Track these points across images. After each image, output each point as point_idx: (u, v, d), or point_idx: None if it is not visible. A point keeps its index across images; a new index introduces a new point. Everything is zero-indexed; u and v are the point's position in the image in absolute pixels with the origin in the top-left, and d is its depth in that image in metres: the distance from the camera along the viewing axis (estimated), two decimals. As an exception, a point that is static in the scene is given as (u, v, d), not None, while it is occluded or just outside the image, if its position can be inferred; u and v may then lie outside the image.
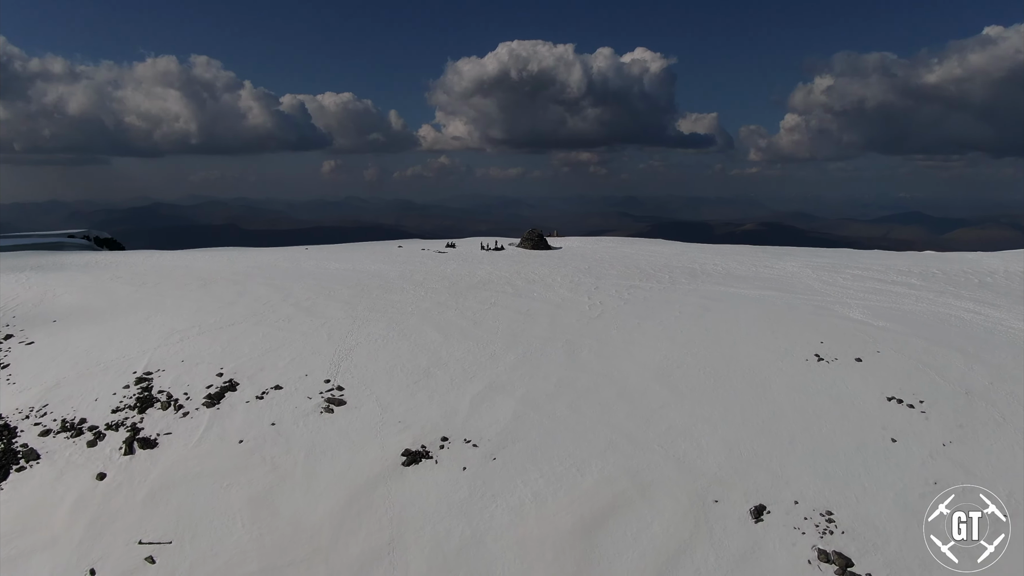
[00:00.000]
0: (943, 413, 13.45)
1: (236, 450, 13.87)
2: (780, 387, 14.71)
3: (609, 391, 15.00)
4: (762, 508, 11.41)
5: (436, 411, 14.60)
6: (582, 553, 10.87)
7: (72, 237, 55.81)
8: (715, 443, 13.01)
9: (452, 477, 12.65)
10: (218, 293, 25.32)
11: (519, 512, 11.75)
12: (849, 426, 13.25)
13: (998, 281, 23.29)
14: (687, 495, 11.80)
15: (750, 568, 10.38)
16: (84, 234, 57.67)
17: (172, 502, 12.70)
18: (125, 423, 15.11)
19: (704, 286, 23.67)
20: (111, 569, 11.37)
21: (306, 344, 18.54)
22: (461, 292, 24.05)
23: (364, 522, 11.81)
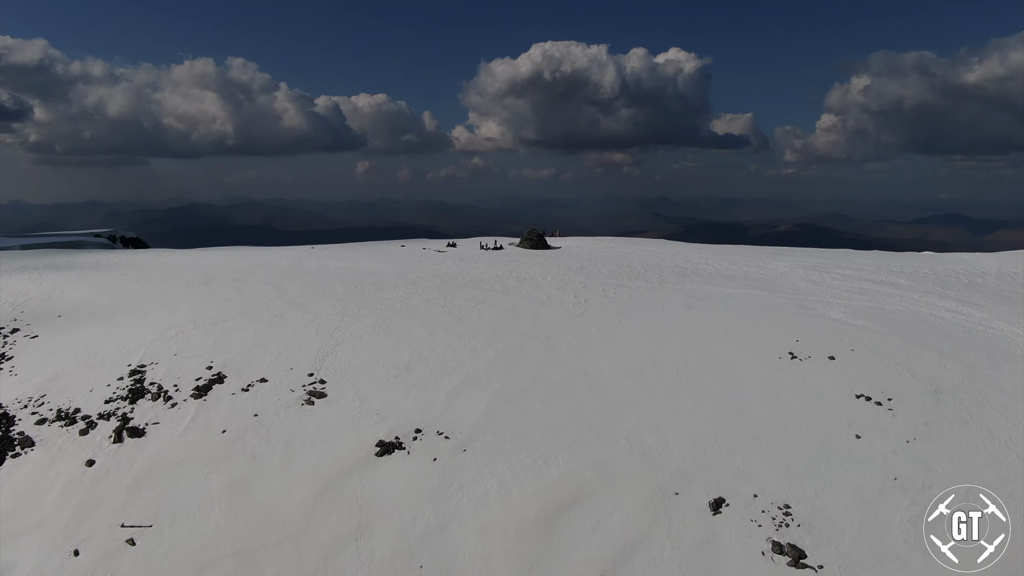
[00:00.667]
0: (910, 411, 13.50)
1: (219, 439, 14.34)
2: (750, 384, 14.84)
3: (582, 386, 15.24)
4: (721, 501, 11.58)
5: (412, 404, 14.94)
6: (542, 541, 11.13)
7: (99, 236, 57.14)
8: (681, 438, 13.19)
9: (422, 467, 12.98)
10: (217, 290, 25.93)
11: (484, 501, 12.04)
12: (815, 422, 13.35)
13: (988, 282, 23.11)
14: (648, 487, 12.01)
15: (704, 559, 10.57)
16: (110, 234, 59.01)
17: (155, 488, 13.19)
18: (116, 413, 15.66)
19: (691, 285, 23.77)
20: (94, 550, 11.86)
21: (294, 339, 19.00)
22: (452, 290, 24.40)
23: (335, 509, 12.19)
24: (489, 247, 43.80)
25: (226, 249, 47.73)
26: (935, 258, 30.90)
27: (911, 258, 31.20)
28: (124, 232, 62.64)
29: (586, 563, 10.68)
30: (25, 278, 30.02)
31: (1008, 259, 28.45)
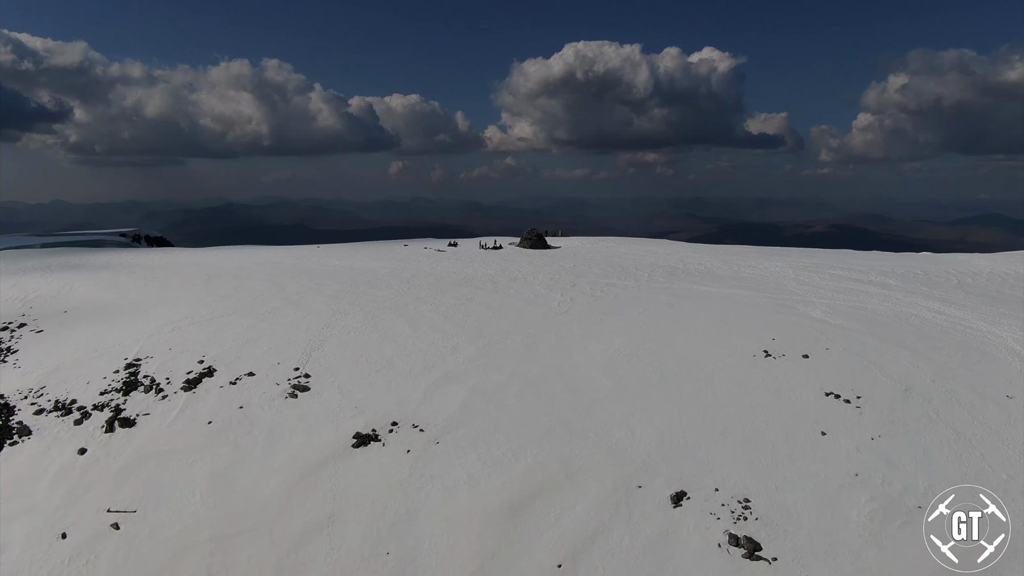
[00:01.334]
0: (878, 409, 13.55)
1: (204, 430, 14.79)
2: (722, 381, 14.96)
3: (557, 382, 15.47)
4: (682, 494, 11.75)
5: (391, 398, 15.28)
6: (505, 531, 11.39)
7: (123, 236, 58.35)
8: (648, 432, 13.37)
9: (396, 459, 13.31)
10: (217, 287, 26.52)
11: (452, 492, 12.33)
12: (782, 419, 13.46)
13: (978, 282, 22.91)
14: (612, 480, 12.21)
15: (661, 550, 10.76)
16: (135, 233, 60.23)
17: (141, 475, 13.66)
18: (110, 404, 16.20)
19: (678, 284, 23.86)
20: (80, 534, 12.35)
21: (284, 335, 19.44)
22: (443, 288, 24.73)
23: (309, 498, 12.55)
24: (489, 247, 44.11)
25: (239, 248, 48.51)
26: (930, 258, 30.60)
27: (906, 258, 30.93)
28: (149, 231, 63.90)
29: (546, 552, 10.92)
30: (38, 276, 30.92)
31: (1003, 260, 28.13)
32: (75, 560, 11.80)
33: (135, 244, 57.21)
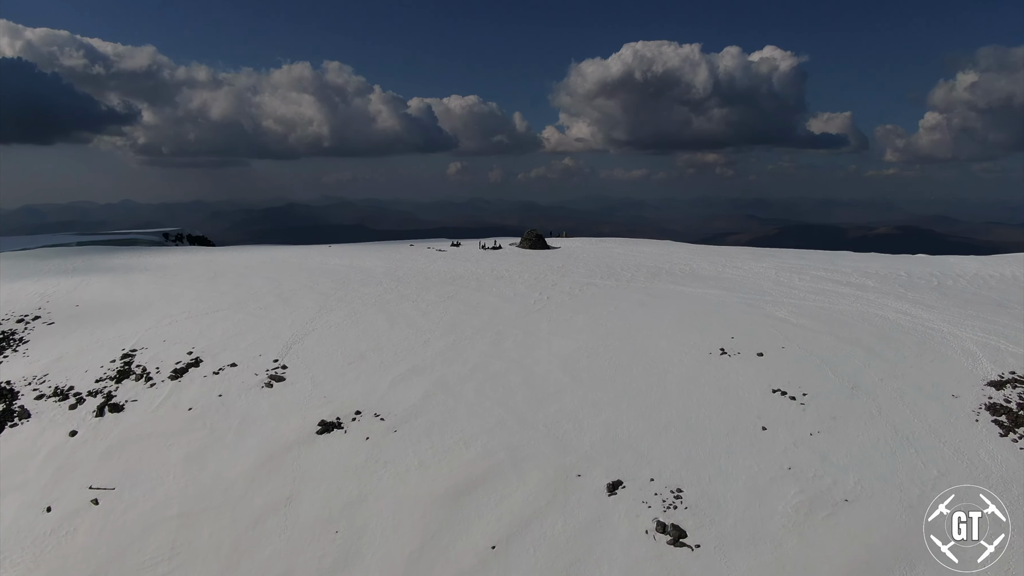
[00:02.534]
0: (822, 405, 13.67)
1: (184, 416, 15.63)
2: (674, 377, 15.21)
3: (516, 376, 15.90)
4: (618, 483, 12.10)
5: (359, 389, 15.91)
6: (447, 514, 11.90)
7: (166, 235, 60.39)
8: (595, 425, 13.73)
9: (355, 445, 13.92)
10: (218, 284, 27.56)
11: (403, 477, 12.89)
12: (726, 414, 13.68)
13: (959, 284, 22.58)
14: (554, 469, 12.62)
15: (591, 535, 11.14)
16: (178, 232, 62.29)
17: (123, 456, 14.54)
18: (103, 391, 17.18)
19: (656, 284, 24.04)
20: (63, 508, 13.25)
21: (270, 328, 20.25)
22: (429, 287, 25.33)
23: (271, 479, 13.24)
24: (489, 247, 44.65)
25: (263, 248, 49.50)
26: (919, 260, 30.12)
27: (894, 259, 30.49)
28: (191, 231, 65.80)
29: (482, 535, 11.39)
30: (60, 273, 32.47)
31: (992, 262, 27.58)
32: (56, 532, 12.69)
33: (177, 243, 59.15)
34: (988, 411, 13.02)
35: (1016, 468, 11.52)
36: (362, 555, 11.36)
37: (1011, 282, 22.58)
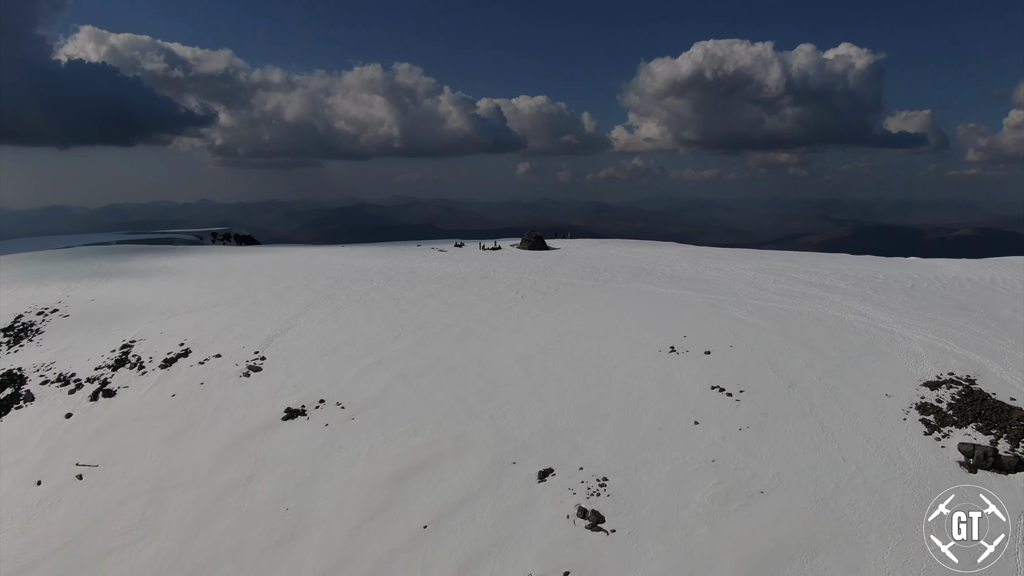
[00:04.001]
0: (756, 402, 13.87)
1: (167, 402, 16.66)
2: (621, 374, 15.57)
3: (472, 370, 16.47)
4: (548, 471, 12.57)
5: (326, 379, 16.70)
6: (388, 496, 12.56)
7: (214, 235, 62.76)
8: (538, 417, 14.21)
9: (315, 431, 14.69)
10: (222, 282, 28.82)
11: (353, 461, 13.60)
12: (662, 409, 13.99)
13: (933, 287, 22.23)
14: (492, 457, 13.16)
15: (516, 518, 11.66)
16: (225, 231, 64.71)
17: (110, 437, 15.62)
18: (100, 378, 18.37)
19: (632, 285, 24.30)
20: (51, 482, 14.37)
21: (258, 322, 21.25)
22: (415, 285, 26.07)
23: (236, 461, 14.11)
24: (489, 247, 45.31)
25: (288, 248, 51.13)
26: (901, 263, 29.61)
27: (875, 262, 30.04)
28: (237, 230, 68.11)
29: (416, 515, 12.01)
30: (85, 269, 34.32)
31: (977, 265, 26.96)
32: (43, 503, 13.79)
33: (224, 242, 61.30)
34: (918, 410, 13.06)
35: (933, 466, 11.60)
36: (307, 531, 12.10)
37: (986, 285, 22.16)
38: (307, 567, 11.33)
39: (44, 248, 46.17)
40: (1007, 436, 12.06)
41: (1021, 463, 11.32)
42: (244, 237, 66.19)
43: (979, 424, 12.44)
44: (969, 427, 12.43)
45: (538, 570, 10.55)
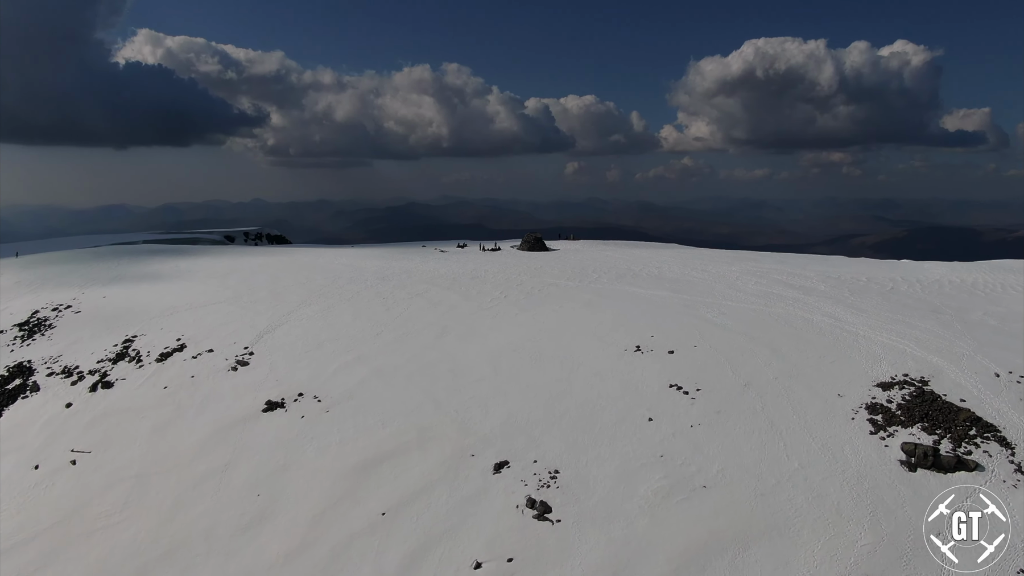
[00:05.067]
0: (710, 400, 14.05)
1: (159, 393, 17.39)
2: (584, 371, 15.84)
3: (444, 366, 16.89)
4: (504, 463, 12.94)
5: (307, 374, 17.28)
6: (352, 484, 13.05)
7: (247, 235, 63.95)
8: (500, 412, 14.57)
9: (291, 422, 15.26)
10: (227, 281, 29.67)
11: (324, 451, 14.12)
12: (620, 406, 14.25)
13: (912, 290, 22.00)
14: (453, 449, 13.57)
15: (469, 507, 12.06)
16: (257, 231, 66.04)
17: (104, 425, 16.39)
18: (101, 370, 19.22)
19: (614, 286, 24.48)
20: (47, 466, 15.17)
21: (252, 320, 21.95)
22: (406, 285, 26.58)
23: (216, 449, 14.74)
24: (488, 248, 45.71)
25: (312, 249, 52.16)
26: (890, 265, 29.26)
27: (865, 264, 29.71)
28: (269, 230, 69.38)
29: (377, 502, 12.48)
30: (104, 268, 35.50)
31: (961, 268, 26.53)
32: (38, 485, 14.58)
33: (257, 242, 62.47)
34: (867, 410, 13.12)
35: (874, 464, 11.69)
36: (274, 516, 12.65)
37: (966, 288, 21.88)
38: (271, 550, 11.86)
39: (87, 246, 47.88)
40: (951, 436, 12.09)
41: (960, 462, 11.37)
42: (276, 237, 67.21)
43: (925, 424, 12.48)
44: (915, 427, 12.47)
45: (484, 556, 10.92)
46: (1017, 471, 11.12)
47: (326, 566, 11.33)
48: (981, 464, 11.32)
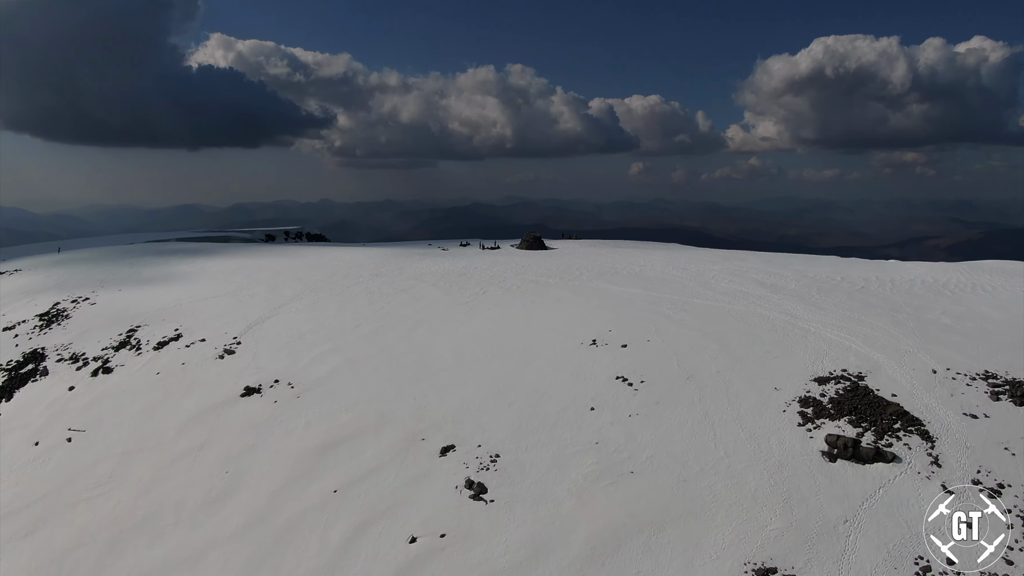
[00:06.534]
0: (652, 392, 14.31)
1: (151, 379, 18.36)
2: (540, 363, 16.23)
3: (412, 357, 17.46)
4: (450, 447, 13.44)
5: (285, 362, 18.03)
6: (311, 464, 13.72)
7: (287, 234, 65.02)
8: (454, 399, 15.07)
9: (265, 406, 16.01)
10: (231, 276, 30.75)
11: (290, 433, 14.82)
12: (566, 396, 14.61)
13: (881, 290, 21.68)
14: (406, 433, 14.13)
15: (414, 486, 12.61)
16: (297, 231, 67.33)
17: (100, 407, 17.40)
18: (103, 357, 20.31)
19: (591, 283, 24.70)
20: (46, 443, 16.21)
21: (244, 312, 22.85)
22: (395, 281, 27.22)
23: (195, 430, 15.57)
24: (488, 247, 46.23)
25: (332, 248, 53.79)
26: (872, 265, 28.76)
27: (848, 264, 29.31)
28: (309, 229, 70.53)
29: (331, 480, 13.12)
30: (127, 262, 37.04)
31: (941, 269, 25.97)
32: (36, 460, 15.62)
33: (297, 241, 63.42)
34: (799, 403, 13.23)
35: (797, 454, 11.85)
36: (239, 491, 13.38)
37: (937, 288, 21.53)
38: (231, 521, 12.59)
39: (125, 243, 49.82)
40: (875, 429, 12.17)
41: (879, 454, 11.47)
42: (315, 236, 67.93)
43: (852, 418, 12.56)
44: (842, 420, 12.57)
45: (420, 532, 11.45)
46: (933, 463, 11.18)
47: (279, 537, 12.00)
48: (899, 456, 11.42)
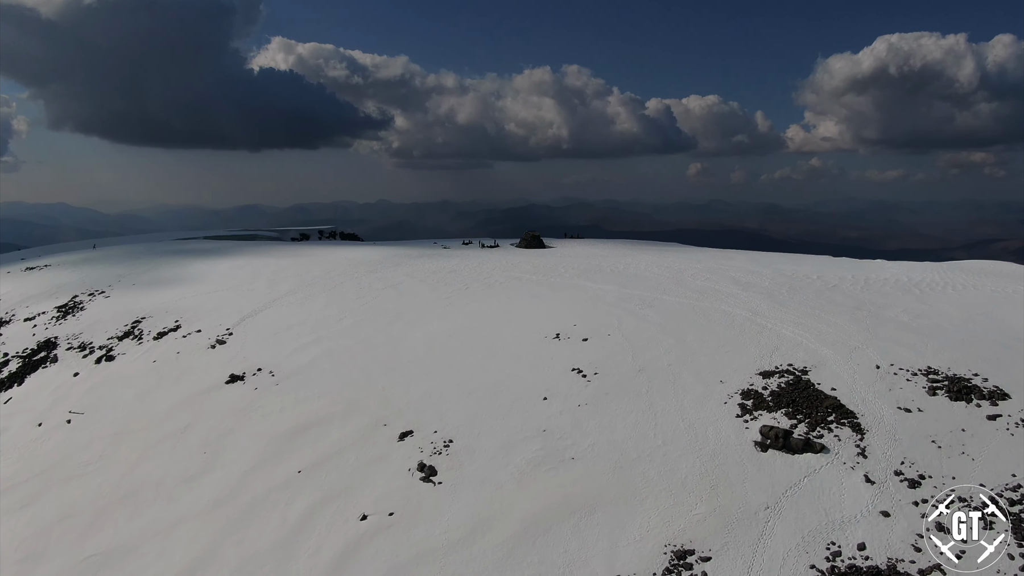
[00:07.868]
0: (604, 383, 14.56)
1: (148, 366, 19.20)
2: (503, 356, 16.58)
3: (386, 348, 17.96)
4: (408, 432, 13.89)
5: (270, 352, 18.69)
6: (280, 447, 14.31)
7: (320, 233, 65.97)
8: (419, 389, 15.52)
9: (245, 393, 16.68)
10: (235, 271, 31.64)
11: (266, 418, 15.45)
12: (522, 386, 14.94)
13: (853, 288, 21.43)
14: (370, 419, 14.63)
15: (370, 468, 13.11)
16: (331, 230, 68.16)
17: (100, 392, 18.30)
18: (108, 345, 21.27)
19: (570, 280, 24.91)
20: (48, 424, 17.14)
21: (242, 304, 23.63)
22: (386, 277, 27.75)
23: (181, 414, 16.31)
24: (487, 246, 46.66)
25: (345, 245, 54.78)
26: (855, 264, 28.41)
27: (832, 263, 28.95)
28: (343, 228, 71.43)
29: (297, 462, 13.69)
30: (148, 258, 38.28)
31: (920, 269, 25.49)
32: (37, 440, 16.55)
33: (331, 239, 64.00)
34: (741, 396, 13.36)
35: (731, 444, 12.02)
36: (213, 470, 14.04)
37: (907, 288, 21.24)
38: (203, 498, 13.24)
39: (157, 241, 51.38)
40: (809, 421, 12.27)
41: (808, 444, 11.59)
42: (348, 235, 68.47)
43: (788, 410, 12.67)
44: (779, 412, 12.68)
45: (371, 510, 11.93)
46: (860, 454, 11.27)
47: (244, 513, 12.60)
48: (828, 447, 11.52)
